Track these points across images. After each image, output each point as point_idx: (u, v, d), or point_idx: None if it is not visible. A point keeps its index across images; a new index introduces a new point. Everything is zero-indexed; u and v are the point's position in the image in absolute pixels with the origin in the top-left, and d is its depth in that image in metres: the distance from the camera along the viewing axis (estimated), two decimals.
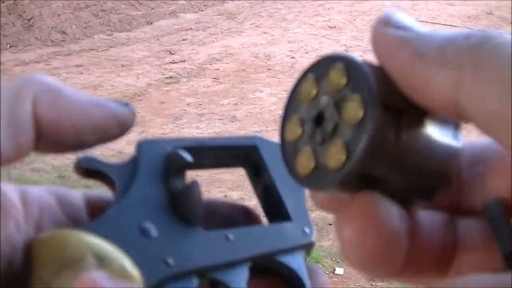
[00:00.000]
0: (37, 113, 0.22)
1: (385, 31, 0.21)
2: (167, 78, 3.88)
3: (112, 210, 0.23)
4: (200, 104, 3.47)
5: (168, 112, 3.37)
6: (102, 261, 0.21)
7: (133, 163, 0.25)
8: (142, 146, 0.25)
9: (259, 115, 3.33)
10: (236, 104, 3.48)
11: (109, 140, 0.24)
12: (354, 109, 0.20)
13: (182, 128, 3.15)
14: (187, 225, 0.24)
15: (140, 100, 3.54)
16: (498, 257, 0.20)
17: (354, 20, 5.24)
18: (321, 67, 0.22)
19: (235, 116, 3.32)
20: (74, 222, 0.25)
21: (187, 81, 3.84)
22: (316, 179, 0.21)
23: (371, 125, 0.19)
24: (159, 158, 0.25)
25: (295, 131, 0.21)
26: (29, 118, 0.22)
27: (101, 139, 0.24)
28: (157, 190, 0.25)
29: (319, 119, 0.21)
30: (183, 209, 0.24)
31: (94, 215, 0.25)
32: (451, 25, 5.10)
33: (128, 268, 0.22)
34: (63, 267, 0.21)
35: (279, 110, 3.38)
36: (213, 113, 3.36)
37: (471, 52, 0.18)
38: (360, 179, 0.20)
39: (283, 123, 0.22)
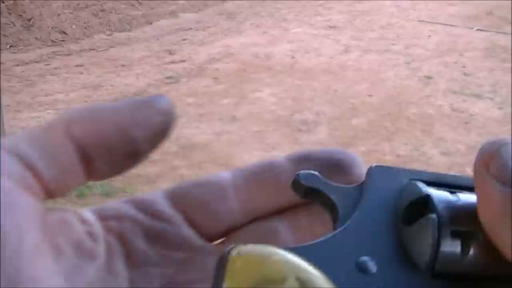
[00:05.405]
0: (73, 132, 0.21)
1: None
2: (167, 78, 3.87)
3: (328, 236, 0.21)
4: (200, 104, 3.47)
5: None
6: (305, 287, 0.19)
7: (360, 189, 0.23)
8: (372, 172, 0.23)
9: (259, 115, 3.33)
10: (236, 104, 3.47)
11: (159, 135, 0.23)
12: None
13: (182, 128, 3.14)
14: (412, 269, 0.21)
15: None
16: None
17: (354, 20, 5.23)
18: None
19: (235, 116, 3.31)
20: (164, 222, 0.24)
21: (187, 81, 3.83)
22: None
23: None
24: (390, 188, 0.23)
25: None
26: (64, 140, 0.21)
27: (149, 135, 0.22)
28: (383, 223, 0.22)
29: None
30: (411, 250, 0.21)
31: (185, 213, 0.24)
32: (451, 25, 5.10)
33: None
34: (260, 286, 0.18)
35: (279, 110, 3.38)
36: (213, 113, 3.35)
37: None
38: None
39: None
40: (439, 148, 3.01)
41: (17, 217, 0.19)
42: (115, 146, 0.22)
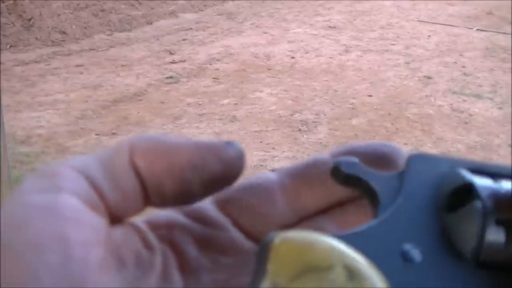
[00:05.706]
0: (134, 161, 0.22)
1: None
2: (167, 78, 3.88)
3: (371, 224, 0.21)
4: (200, 104, 3.47)
5: (168, 112, 3.37)
6: (353, 275, 0.18)
7: (400, 177, 0.23)
8: (412, 160, 0.23)
9: (259, 115, 3.33)
10: (236, 104, 3.48)
11: (218, 183, 0.23)
12: None
13: (182, 128, 3.15)
14: (457, 258, 0.21)
15: (140, 100, 3.54)
16: None
17: (354, 20, 5.24)
18: None
19: (235, 116, 3.32)
20: (214, 228, 0.24)
21: (187, 81, 3.84)
22: None
23: None
24: (431, 175, 0.23)
25: None
26: (127, 167, 0.22)
27: (205, 180, 0.22)
28: (425, 211, 0.22)
29: None
30: (455, 238, 0.21)
31: (233, 217, 0.24)
32: (451, 25, 5.10)
33: None
34: (305, 273, 0.18)
35: (279, 110, 3.38)
36: (213, 113, 3.36)
37: None
38: None
39: None
40: (439, 148, 3.01)
41: (83, 233, 0.19)
42: (165, 182, 0.22)
